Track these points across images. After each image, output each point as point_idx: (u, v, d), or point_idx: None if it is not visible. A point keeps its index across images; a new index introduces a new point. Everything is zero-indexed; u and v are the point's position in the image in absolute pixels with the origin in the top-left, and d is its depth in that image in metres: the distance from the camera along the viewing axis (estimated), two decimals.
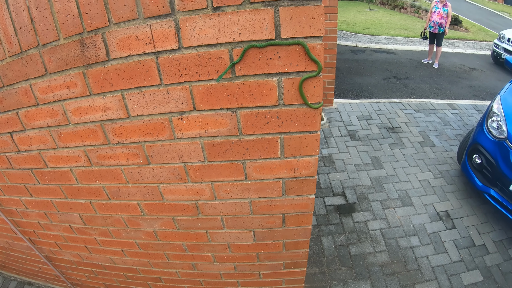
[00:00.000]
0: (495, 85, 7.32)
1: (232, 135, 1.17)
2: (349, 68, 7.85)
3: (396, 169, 4.18)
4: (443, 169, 4.17)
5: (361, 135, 4.84)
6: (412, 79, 7.39)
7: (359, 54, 9.08)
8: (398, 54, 9.28)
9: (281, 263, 1.80)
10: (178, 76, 1.05)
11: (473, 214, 3.56)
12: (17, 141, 1.42)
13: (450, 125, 5.11)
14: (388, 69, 7.96)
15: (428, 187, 3.90)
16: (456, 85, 7.17)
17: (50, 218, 1.82)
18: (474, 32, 12.89)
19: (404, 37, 11.05)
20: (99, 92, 1.15)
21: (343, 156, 4.42)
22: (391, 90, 6.71)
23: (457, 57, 9.44)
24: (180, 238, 1.70)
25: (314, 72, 1.02)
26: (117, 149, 1.30)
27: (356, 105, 5.62)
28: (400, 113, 5.42)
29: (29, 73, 1.16)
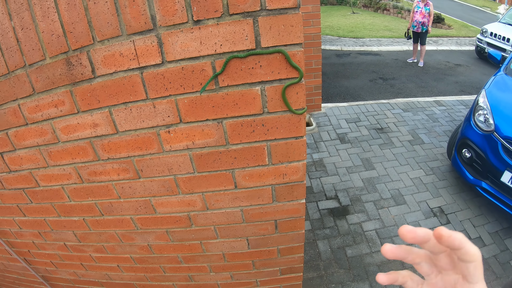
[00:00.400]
0: (480, 79, 7.42)
1: (219, 145, 1.19)
2: (335, 72, 7.91)
3: (387, 169, 4.22)
4: (434, 166, 4.22)
5: (351, 137, 4.88)
6: (398, 79, 7.47)
7: (344, 57, 9.16)
8: (383, 55, 9.38)
9: (277, 269, 1.80)
10: (163, 90, 1.07)
11: (466, 208, 3.60)
12: (8, 161, 1.42)
13: (438, 122, 5.17)
14: (374, 70, 8.04)
15: (420, 185, 3.94)
16: (442, 82, 7.27)
17: (45, 237, 1.81)
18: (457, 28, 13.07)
19: (388, 38, 11.17)
20: (86, 109, 1.16)
21: (334, 160, 4.44)
22: (378, 91, 6.77)
23: (442, 54, 9.56)
24: (175, 250, 1.69)
25: (296, 78, 1.04)
26: (107, 165, 1.31)
27: (344, 108, 5.67)
28: (388, 113, 5.48)
29: (17, 93, 1.17)
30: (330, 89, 6.89)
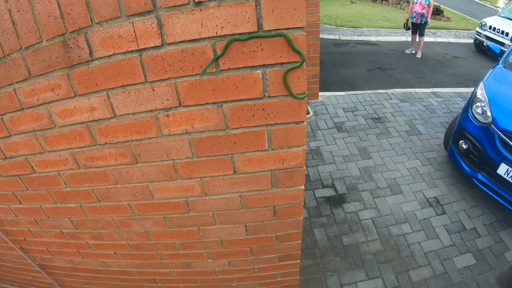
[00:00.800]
0: (478, 72, 7.43)
1: (219, 130, 1.17)
2: (333, 61, 7.88)
3: (384, 158, 4.23)
4: (430, 156, 4.24)
5: (348, 126, 4.87)
6: (396, 69, 7.46)
7: (342, 46, 9.12)
8: (381, 45, 9.34)
9: (275, 256, 1.81)
10: (163, 72, 1.05)
11: (462, 199, 3.63)
12: (3, 147, 1.39)
13: (435, 113, 5.18)
14: (372, 60, 8.02)
15: (416, 175, 3.95)
16: (440, 74, 7.27)
17: (41, 224, 1.80)
18: (456, 21, 13.03)
19: (387, 29, 11.11)
20: (84, 93, 1.14)
21: (331, 148, 4.45)
22: (375, 81, 6.77)
23: (440, 46, 9.55)
24: (173, 236, 1.69)
25: (298, 62, 1.02)
26: (105, 150, 1.29)
27: (342, 97, 5.66)
28: (385, 103, 5.47)
29: (12, 77, 1.14)
30: (328, 78, 6.87)
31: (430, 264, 2.96)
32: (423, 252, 3.07)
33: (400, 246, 3.12)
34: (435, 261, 2.98)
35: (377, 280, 2.83)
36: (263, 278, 2.02)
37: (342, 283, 2.82)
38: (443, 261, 2.99)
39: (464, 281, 2.82)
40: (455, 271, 2.90)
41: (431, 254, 3.04)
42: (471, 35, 10.76)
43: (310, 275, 2.88)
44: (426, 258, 3.01)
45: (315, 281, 2.83)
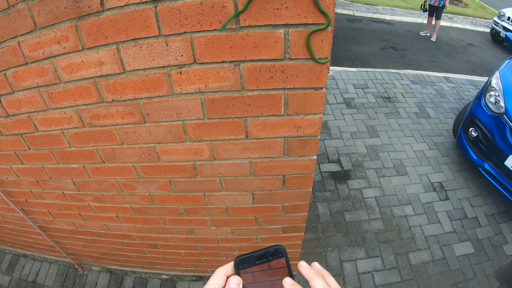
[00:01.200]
0: (492, 62, 7.28)
1: (234, 90, 1.11)
2: (345, 37, 7.72)
3: (391, 138, 4.19)
4: (438, 141, 4.19)
5: (357, 103, 4.81)
6: (409, 50, 7.32)
7: (356, 23, 8.91)
8: (396, 25, 9.13)
9: (279, 227, 1.79)
10: (178, 26, 0.98)
11: (466, 187, 3.61)
12: (5, 104, 1.34)
13: (446, 98, 5.09)
14: (385, 39, 7.85)
15: (423, 158, 3.92)
16: (454, 59, 7.12)
17: (43, 185, 1.78)
18: (474, 8, 12.69)
19: (403, 9, 10.83)
20: (92, 46, 1.06)
21: (338, 124, 4.40)
22: (388, 60, 6.65)
23: (456, 31, 9.33)
24: (177, 201, 1.67)
25: (323, 25, 0.95)
26: (112, 108, 1.24)
27: (353, 73, 5.56)
28: (396, 83, 5.38)
29: (17, 29, 1.07)
30: (340, 53, 6.75)
31: (430, 248, 2.97)
32: (423, 235, 3.07)
33: (401, 227, 3.12)
34: (435, 246, 2.99)
35: (377, 259, 2.85)
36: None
37: (342, 259, 2.83)
38: (443, 246, 3.00)
39: (461, 269, 2.84)
40: (453, 258, 2.91)
41: (431, 239, 3.05)
42: (488, 24, 10.49)
43: (311, 249, 2.89)
44: (426, 242, 3.02)
45: (315, 255, 2.84)
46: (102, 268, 2.81)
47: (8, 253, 3.05)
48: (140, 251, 2.29)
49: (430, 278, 2.75)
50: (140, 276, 2.74)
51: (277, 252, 0.51)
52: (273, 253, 0.51)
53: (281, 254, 0.51)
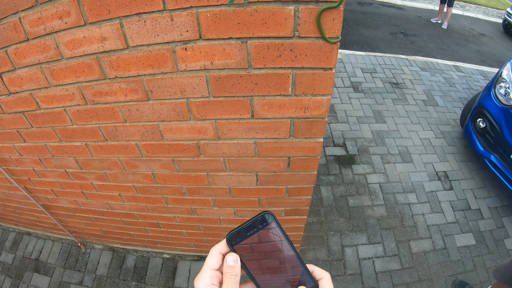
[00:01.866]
0: (503, 54, 7.17)
1: (240, 68, 1.08)
2: (355, 20, 7.59)
3: (398, 124, 4.15)
4: (444, 130, 4.14)
5: (365, 87, 4.75)
6: (419, 36, 7.19)
7: (366, 6, 8.75)
8: (406, 10, 8.97)
9: (283, 210, 1.78)
10: (184, 0, 0.94)
11: (471, 178, 3.58)
12: (7, 82, 1.31)
13: (455, 87, 5.01)
14: (395, 24, 7.72)
15: (428, 146, 3.88)
16: (464, 48, 6.99)
17: (45, 163, 1.77)
18: None
19: None
20: (95, 21, 1.03)
21: (345, 107, 4.36)
22: (397, 46, 6.56)
23: (467, 20, 9.16)
24: (180, 181, 1.66)
25: (335, 3, 0.91)
26: (114, 84, 1.21)
27: (361, 57, 5.47)
28: (405, 69, 5.29)
29: (18, 5, 1.03)
30: (349, 36, 6.64)
31: (432, 237, 2.97)
32: (426, 224, 3.06)
33: (404, 215, 3.10)
34: (437, 236, 2.98)
35: (378, 245, 2.84)
36: None
37: (344, 244, 2.83)
38: (444, 236, 2.99)
39: (462, 260, 2.83)
40: (454, 249, 2.91)
41: (433, 228, 3.04)
42: (501, 15, 10.31)
43: (313, 232, 2.90)
44: (428, 231, 3.02)
45: (317, 239, 2.85)
46: (104, 247, 2.84)
47: (12, 231, 3.09)
48: (143, 230, 2.30)
49: (430, 268, 2.75)
50: (142, 255, 2.76)
51: (265, 218, 0.49)
52: (261, 220, 0.49)
53: (269, 219, 0.49)
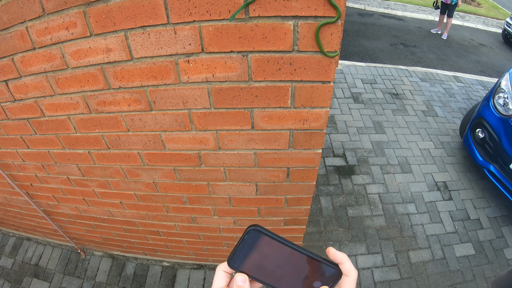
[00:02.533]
0: (503, 64, 7.20)
1: (241, 81, 1.11)
2: (356, 31, 7.66)
3: (397, 135, 4.17)
4: (444, 140, 4.16)
5: (365, 98, 4.78)
6: (419, 47, 7.24)
7: (367, 17, 8.83)
8: (407, 21, 9.04)
9: (282, 220, 1.80)
10: (187, 14, 0.97)
11: (470, 188, 3.59)
12: (12, 89, 1.34)
13: (454, 98, 5.04)
14: (395, 35, 7.78)
15: (428, 156, 3.90)
16: (464, 59, 7.04)
17: (48, 170, 1.79)
18: (486, 8, 12.52)
19: (415, 5, 10.71)
20: (100, 33, 1.06)
21: (345, 118, 4.38)
22: (397, 57, 6.61)
23: (467, 31, 9.21)
24: (181, 189, 1.68)
25: (333, 18, 0.94)
26: (118, 94, 1.24)
27: (361, 68, 5.52)
28: (405, 80, 5.33)
29: (25, 14, 1.07)
30: (349, 47, 6.70)
31: (431, 247, 2.97)
32: (425, 234, 3.07)
33: (403, 225, 3.11)
34: (436, 246, 2.99)
35: (377, 255, 2.85)
36: None
37: None
38: (444, 246, 2.99)
39: (461, 270, 2.83)
40: (453, 259, 2.91)
41: (432, 238, 3.05)
42: (500, 25, 10.34)
43: (312, 242, 2.90)
44: (427, 241, 3.02)
45: (316, 249, 2.85)
46: (104, 253, 2.85)
47: (12, 236, 3.09)
48: (143, 237, 2.31)
49: (429, 278, 2.75)
50: (141, 263, 2.77)
51: (252, 236, 0.48)
52: (249, 238, 0.48)
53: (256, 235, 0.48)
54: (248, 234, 0.48)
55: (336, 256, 0.50)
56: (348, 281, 0.50)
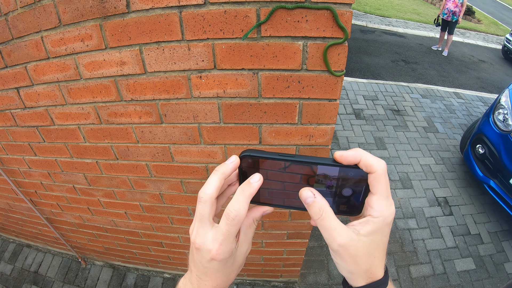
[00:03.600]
0: (503, 80, 7.27)
1: (251, 97, 1.15)
2: (358, 48, 7.74)
3: (399, 151, 4.20)
4: (444, 156, 4.18)
5: (366, 114, 4.82)
6: (420, 64, 7.31)
7: (368, 34, 8.93)
8: (408, 38, 9.14)
9: (285, 233, 1.81)
10: (201, 32, 1.01)
11: (470, 203, 3.60)
12: (23, 97, 1.37)
13: (455, 114, 5.09)
14: (397, 52, 7.86)
15: (429, 172, 3.92)
16: (464, 75, 7.10)
17: (54, 178, 1.80)
18: (487, 24, 12.69)
19: (416, 22, 10.85)
20: (115, 46, 1.10)
21: (347, 134, 4.42)
22: (399, 73, 6.66)
23: (467, 47, 9.31)
24: (187, 201, 1.69)
25: (340, 39, 0.98)
26: (130, 107, 1.27)
27: (363, 84, 5.57)
28: (406, 96, 5.39)
29: (41, 24, 1.10)
30: (351, 64, 6.76)
31: (431, 262, 2.97)
32: (426, 249, 3.07)
33: (404, 240, 3.12)
34: (436, 261, 2.99)
35: None
36: (269, 253, 2.03)
37: None
38: (444, 261, 2.99)
39: (462, 284, 2.83)
40: (454, 273, 2.90)
41: (433, 253, 3.04)
42: (500, 41, 10.46)
43: (313, 256, 2.90)
44: (428, 256, 3.02)
45: (317, 263, 2.85)
46: (105, 263, 2.84)
47: (12, 242, 3.09)
48: (145, 248, 2.31)
49: None
50: (142, 274, 2.76)
51: (249, 160, 0.45)
52: (247, 164, 0.45)
53: (253, 157, 0.44)
54: (243, 161, 0.45)
55: (347, 158, 0.41)
56: (376, 178, 0.41)
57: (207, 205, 0.43)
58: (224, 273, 0.47)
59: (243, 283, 2.63)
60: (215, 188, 0.43)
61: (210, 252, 0.43)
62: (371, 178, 0.41)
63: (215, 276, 0.46)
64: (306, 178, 0.45)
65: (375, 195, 0.42)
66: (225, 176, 0.44)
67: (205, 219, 0.44)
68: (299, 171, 0.44)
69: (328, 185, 0.44)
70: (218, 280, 0.47)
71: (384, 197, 0.42)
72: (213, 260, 0.44)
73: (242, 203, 0.42)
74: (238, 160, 0.45)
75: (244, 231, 0.48)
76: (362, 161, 0.41)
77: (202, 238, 0.44)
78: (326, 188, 0.45)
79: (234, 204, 0.42)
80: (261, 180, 0.44)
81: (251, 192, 0.43)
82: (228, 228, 0.42)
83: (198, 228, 0.44)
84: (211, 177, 0.44)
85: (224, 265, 0.45)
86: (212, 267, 0.45)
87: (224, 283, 0.48)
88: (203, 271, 0.46)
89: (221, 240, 0.43)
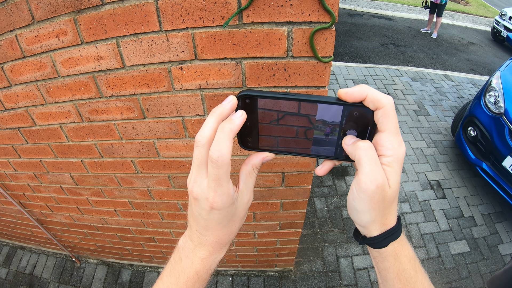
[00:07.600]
0: (492, 61, 7.29)
1: (235, 87, 1.10)
2: (346, 32, 7.68)
3: None
4: (436, 139, 4.19)
5: None
6: (410, 47, 7.30)
7: (357, 18, 8.87)
8: (397, 21, 9.10)
9: (277, 223, 1.79)
10: (180, 21, 0.96)
11: (463, 186, 3.62)
12: (2, 98, 1.32)
13: (445, 96, 5.09)
14: (386, 35, 7.84)
15: (421, 156, 3.92)
16: (454, 57, 7.11)
17: (40, 179, 1.77)
18: (475, 6, 12.67)
19: (404, 5, 10.79)
20: (91, 40, 1.05)
21: None
22: (388, 56, 6.65)
23: (456, 29, 9.31)
24: (175, 196, 1.66)
25: (327, 23, 0.94)
26: (111, 103, 1.22)
27: (353, 68, 5.54)
28: (396, 80, 5.37)
29: (14, 22, 1.05)
30: (340, 48, 6.71)
31: (426, 246, 2.99)
32: (420, 233, 3.09)
33: None
34: (431, 244, 3.00)
35: None
36: (263, 244, 2.02)
37: (338, 255, 2.84)
38: (438, 245, 3.01)
39: (456, 267, 2.85)
40: (448, 256, 2.93)
41: (427, 237, 3.06)
42: (489, 23, 10.47)
43: (308, 244, 2.90)
44: (422, 239, 3.04)
45: (312, 251, 2.85)
46: (99, 261, 2.82)
47: (5, 245, 3.05)
48: (138, 244, 2.29)
49: None
50: (137, 269, 2.74)
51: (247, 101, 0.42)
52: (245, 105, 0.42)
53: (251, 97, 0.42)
54: (240, 102, 0.42)
55: (352, 94, 0.39)
56: (384, 113, 0.39)
57: (205, 149, 0.41)
58: (225, 225, 0.45)
59: (238, 274, 2.62)
60: (212, 130, 0.40)
61: (208, 201, 0.41)
62: (379, 115, 0.39)
63: (217, 229, 0.45)
64: (307, 120, 0.42)
65: (385, 131, 0.40)
66: (222, 118, 0.41)
67: (202, 164, 0.41)
68: (300, 112, 0.42)
69: (331, 127, 0.42)
70: (220, 233, 0.45)
71: (394, 133, 0.40)
72: (213, 210, 0.42)
73: (223, 141, 0.39)
74: (235, 100, 0.42)
75: (244, 180, 0.45)
76: (368, 97, 0.39)
77: (199, 186, 0.42)
78: (329, 131, 0.42)
79: (215, 144, 0.39)
80: (243, 116, 0.41)
81: (232, 128, 0.40)
82: (216, 171, 0.39)
83: (196, 176, 0.42)
84: (207, 119, 0.41)
85: (225, 215, 0.44)
86: (212, 218, 0.43)
87: (226, 236, 0.47)
88: (204, 225, 0.44)
89: (213, 187, 0.40)
